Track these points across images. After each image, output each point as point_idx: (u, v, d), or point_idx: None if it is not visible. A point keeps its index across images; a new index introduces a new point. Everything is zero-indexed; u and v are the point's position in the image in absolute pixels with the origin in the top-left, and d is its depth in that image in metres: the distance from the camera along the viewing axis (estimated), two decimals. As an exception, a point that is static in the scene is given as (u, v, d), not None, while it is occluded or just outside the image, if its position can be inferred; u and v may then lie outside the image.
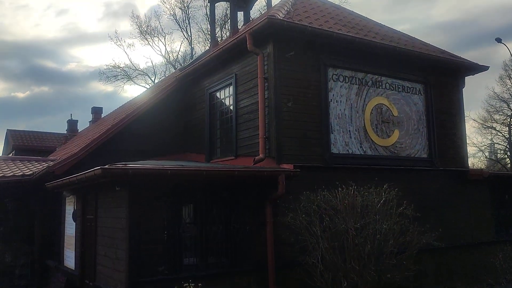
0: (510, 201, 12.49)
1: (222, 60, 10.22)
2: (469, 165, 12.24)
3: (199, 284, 6.20)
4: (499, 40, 28.25)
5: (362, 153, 9.82)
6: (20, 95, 77.11)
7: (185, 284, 6.03)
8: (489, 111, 35.52)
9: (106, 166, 6.75)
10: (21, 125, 70.82)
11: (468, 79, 12.15)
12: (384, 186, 7.64)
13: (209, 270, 7.57)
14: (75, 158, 10.36)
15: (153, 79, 38.53)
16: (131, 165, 7.06)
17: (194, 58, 35.00)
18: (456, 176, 11.23)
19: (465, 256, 10.84)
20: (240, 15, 16.97)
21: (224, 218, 7.92)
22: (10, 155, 25.72)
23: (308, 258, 7.46)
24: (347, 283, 7.05)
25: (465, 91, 11.91)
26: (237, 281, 7.75)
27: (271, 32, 8.79)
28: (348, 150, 9.63)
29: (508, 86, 34.71)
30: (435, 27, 64.68)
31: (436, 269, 10.23)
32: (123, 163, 7.07)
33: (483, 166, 35.95)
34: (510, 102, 34.45)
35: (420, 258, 9.32)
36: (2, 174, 12.10)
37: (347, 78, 9.83)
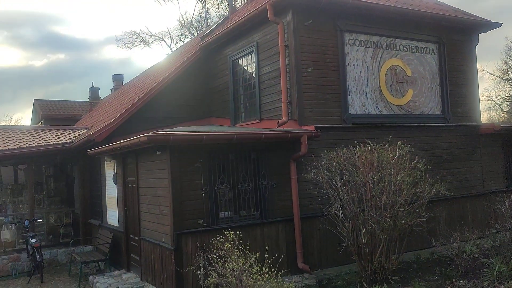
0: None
1: (244, 29, 10.81)
2: (487, 118, 12.82)
3: (238, 232, 7.14)
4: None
5: (378, 113, 10.49)
6: (38, 63, 78.30)
7: (226, 232, 6.97)
8: (508, 63, 35.26)
9: (150, 133, 7.61)
10: (40, 93, 72.35)
11: (489, 32, 12.51)
12: (398, 143, 8.39)
13: (242, 222, 8.55)
14: (112, 126, 11.24)
15: (169, 43, 38.98)
16: (172, 131, 7.92)
17: (208, 22, 35.20)
18: (468, 130, 11.87)
19: (476, 205, 11.67)
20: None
21: (253, 176, 8.80)
22: (39, 124, 26.96)
23: (330, 209, 8.35)
24: (366, 229, 7.95)
25: (485, 43, 12.29)
26: (267, 230, 8.73)
27: (290, 2, 9.32)
28: (364, 110, 10.32)
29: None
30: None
31: (448, 216, 11.09)
32: (164, 130, 7.92)
33: (502, 119, 36.07)
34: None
35: (434, 206, 10.22)
36: (44, 143, 13.14)
37: (362, 42, 10.38)
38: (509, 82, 35.39)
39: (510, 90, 35.92)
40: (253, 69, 10.81)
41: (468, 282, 7.96)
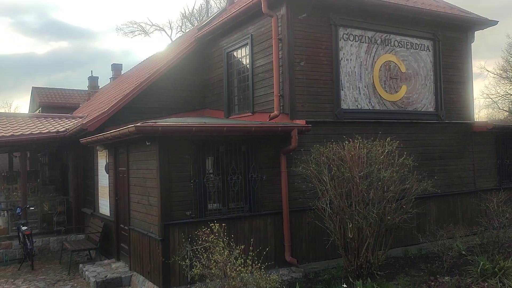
0: (514, 151, 13.12)
1: (238, 21, 10.78)
2: (486, 116, 12.83)
3: (223, 224, 7.18)
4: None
5: (370, 108, 10.49)
6: (40, 50, 78.13)
7: (211, 224, 7.01)
8: (509, 61, 35.12)
9: (139, 124, 7.63)
10: (42, 81, 72.20)
11: (489, 29, 12.48)
12: (388, 139, 8.40)
13: (230, 214, 8.59)
14: (105, 115, 11.24)
15: (169, 33, 38.88)
16: (161, 122, 7.94)
17: (209, 13, 35.06)
18: (461, 128, 11.88)
19: (466, 202, 11.71)
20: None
21: (243, 169, 8.83)
22: (37, 111, 26.99)
23: (318, 203, 8.39)
24: (352, 224, 7.99)
25: (486, 41, 12.28)
26: (255, 223, 8.78)
27: (284, -6, 9.30)
28: (357, 105, 10.32)
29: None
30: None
31: (438, 213, 11.14)
32: (153, 121, 7.94)
33: (502, 117, 36.03)
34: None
35: (424, 203, 10.27)
36: (38, 131, 13.16)
37: (357, 37, 10.36)
38: (509, 80, 35.29)
39: (509, 89, 35.86)
40: (247, 62, 10.80)
41: (452, 278, 8.02)
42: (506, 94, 36.08)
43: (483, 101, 36.61)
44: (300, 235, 9.26)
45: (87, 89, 27.58)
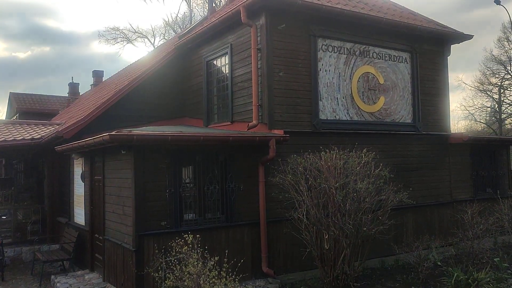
0: (489, 163, 13.34)
1: (218, 30, 10.77)
2: (465, 128, 13.03)
3: (197, 236, 7.07)
4: (497, 2, 28.33)
5: (348, 119, 10.55)
6: (21, 55, 76.90)
7: (185, 236, 6.89)
8: (486, 74, 35.93)
9: (113, 133, 7.51)
10: (22, 86, 71.02)
11: (467, 42, 12.74)
12: (364, 150, 8.44)
13: (207, 224, 8.49)
14: (82, 123, 11.06)
15: (152, 41, 38.71)
16: (136, 131, 7.83)
17: (192, 21, 35.03)
18: (438, 139, 12.03)
19: (443, 213, 11.82)
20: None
21: (220, 179, 8.75)
22: (14, 118, 26.46)
23: (295, 213, 8.35)
24: (329, 235, 7.97)
25: (464, 54, 12.51)
26: (232, 234, 8.69)
27: (264, 5, 9.31)
28: (335, 116, 10.36)
29: (506, 48, 34.93)
30: (436, -13, 63.68)
31: (415, 224, 11.22)
32: (128, 129, 7.83)
33: (479, 129, 36.75)
34: (507, 65, 34.77)
35: (401, 214, 10.34)
36: (12, 138, 12.86)
37: (336, 48, 10.43)
38: (485, 93, 36.06)
39: (486, 101, 36.64)
40: (227, 71, 10.77)
41: (427, 290, 8.06)
42: (482, 107, 36.87)
43: (461, 113, 37.32)
44: (277, 246, 9.19)
45: (67, 95, 27.17)
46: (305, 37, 9.96)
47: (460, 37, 12.37)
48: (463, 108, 37.15)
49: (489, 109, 36.89)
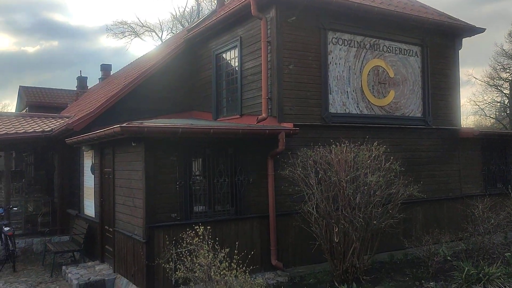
0: (499, 158, 13.23)
1: (228, 23, 10.74)
2: (474, 123, 12.93)
3: (208, 227, 7.10)
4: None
5: (358, 113, 10.50)
6: (30, 49, 77.30)
7: (195, 227, 6.92)
8: (496, 69, 35.58)
9: (124, 125, 7.53)
10: (31, 80, 71.42)
11: (478, 36, 12.57)
12: (375, 143, 8.40)
13: (216, 217, 8.52)
14: (92, 115, 11.13)
15: (160, 35, 38.73)
16: (146, 123, 7.85)
17: (200, 15, 35.00)
18: (448, 134, 11.95)
19: (453, 207, 11.76)
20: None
21: (230, 171, 8.76)
22: (24, 111, 26.63)
23: (305, 206, 8.35)
24: (338, 229, 7.97)
25: (473, 49, 12.36)
26: (241, 226, 8.71)
27: (274, -3, 9.28)
28: (345, 109, 10.32)
29: (517, 43, 34.52)
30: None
31: (425, 218, 11.17)
32: (139, 121, 7.85)
33: (489, 124, 36.48)
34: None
35: (411, 208, 10.30)
36: (23, 130, 12.97)
37: (346, 41, 10.37)
38: (496, 88, 35.72)
39: (496, 96, 36.30)
40: (236, 64, 10.75)
41: (437, 284, 8.03)
42: (492, 102, 36.55)
43: (471, 108, 37.08)
44: (286, 239, 9.20)
45: (75, 89, 27.30)
46: (315, 30, 9.91)
47: (472, 30, 12.23)
48: (473, 103, 36.90)
49: (499, 104, 36.56)
